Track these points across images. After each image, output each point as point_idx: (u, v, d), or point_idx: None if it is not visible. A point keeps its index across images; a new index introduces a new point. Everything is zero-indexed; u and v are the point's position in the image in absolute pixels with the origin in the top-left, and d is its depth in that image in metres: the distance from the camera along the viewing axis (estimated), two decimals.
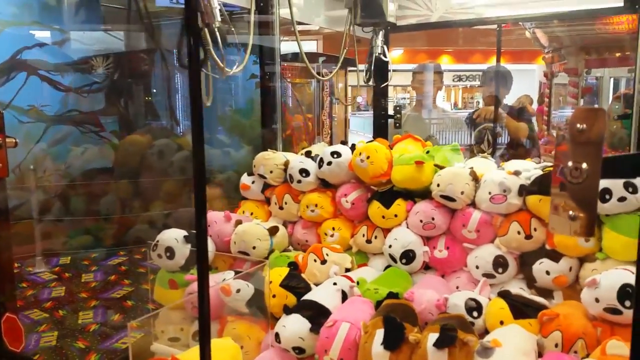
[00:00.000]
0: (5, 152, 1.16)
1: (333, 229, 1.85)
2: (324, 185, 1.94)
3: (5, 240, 1.17)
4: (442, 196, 1.59)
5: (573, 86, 5.23)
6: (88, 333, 3.53)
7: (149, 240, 1.80)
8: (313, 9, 2.86)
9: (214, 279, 1.68)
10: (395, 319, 1.25)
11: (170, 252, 1.69)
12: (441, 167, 1.65)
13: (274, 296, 1.52)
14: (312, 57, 7.22)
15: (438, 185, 1.60)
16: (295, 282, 1.55)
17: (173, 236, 1.72)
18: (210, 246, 1.85)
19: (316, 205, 1.89)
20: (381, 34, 2.73)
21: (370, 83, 2.81)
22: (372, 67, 2.75)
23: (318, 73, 7.16)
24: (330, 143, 6.97)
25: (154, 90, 5.91)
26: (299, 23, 2.55)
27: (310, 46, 9.01)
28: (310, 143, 6.51)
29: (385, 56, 2.75)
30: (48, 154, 5.05)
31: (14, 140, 1.18)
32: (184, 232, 1.75)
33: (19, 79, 5.27)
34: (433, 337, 1.17)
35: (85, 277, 4.56)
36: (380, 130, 2.94)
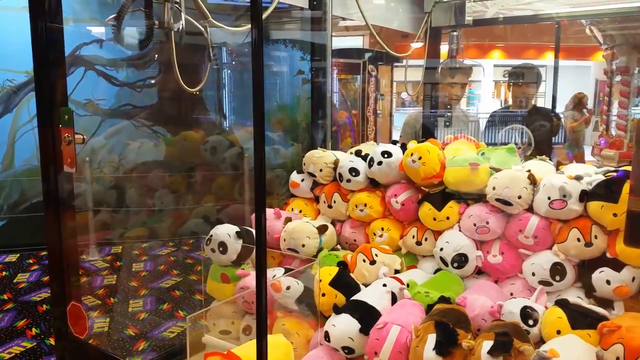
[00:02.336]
0: (74, 147, 1.22)
1: (382, 229, 1.84)
2: (374, 185, 1.93)
3: (71, 230, 1.22)
4: (497, 200, 1.55)
5: (625, 85, 5.02)
6: (138, 321, 3.66)
7: (202, 233, 1.84)
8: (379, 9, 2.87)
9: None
10: (448, 324, 1.23)
11: (223, 246, 1.73)
12: (497, 170, 1.61)
13: (323, 295, 1.52)
14: (359, 52, 7.18)
15: (494, 188, 1.56)
16: (345, 282, 1.55)
17: (226, 231, 1.75)
18: None
19: (365, 205, 1.88)
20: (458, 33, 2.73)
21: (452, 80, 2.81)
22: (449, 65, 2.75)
23: (364, 68, 7.12)
24: (375, 139, 6.92)
25: (204, 86, 6.03)
26: (343, 19, 2.54)
27: (357, 41, 8.96)
28: (356, 140, 6.48)
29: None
30: (104, 146, 5.25)
31: (82, 137, 1.24)
32: (236, 228, 1.78)
33: (77, 74, 5.50)
34: (487, 344, 1.15)
35: (136, 267, 4.73)
36: (429, 129, 2.90)
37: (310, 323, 1.56)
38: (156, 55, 5.91)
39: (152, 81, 5.94)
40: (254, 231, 1.89)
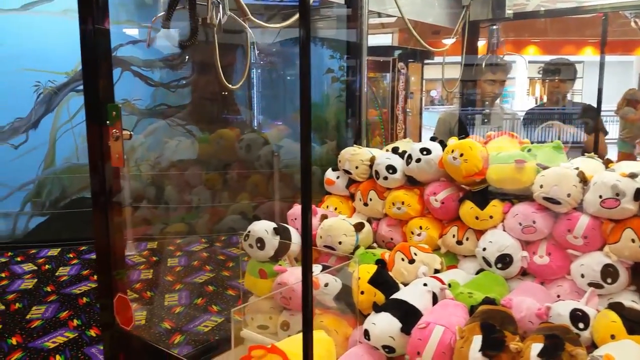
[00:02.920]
0: (121, 143, 1.24)
1: (420, 227, 1.80)
2: (411, 182, 1.90)
3: (118, 225, 1.24)
4: (545, 198, 1.50)
5: None
6: (173, 314, 3.72)
7: (239, 230, 1.85)
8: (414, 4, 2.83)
9: (301, 271, 1.70)
10: (494, 325, 1.20)
11: (260, 242, 1.73)
12: (544, 167, 1.56)
13: (362, 292, 1.51)
14: (388, 50, 7.11)
15: (541, 186, 1.50)
16: (384, 280, 1.53)
17: (263, 228, 1.75)
18: (296, 239, 1.88)
19: (402, 203, 1.85)
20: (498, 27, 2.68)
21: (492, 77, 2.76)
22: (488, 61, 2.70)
23: (393, 66, 7.04)
24: (404, 137, 6.84)
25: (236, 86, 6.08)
26: (390, 15, 2.51)
27: (386, 39, 8.88)
28: (385, 138, 6.43)
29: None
30: (142, 144, 5.37)
31: (129, 133, 1.26)
32: (273, 224, 1.78)
33: (114, 75, 5.61)
34: (537, 347, 1.11)
35: (171, 262, 4.82)
36: (465, 126, 2.85)
37: (348, 321, 1.55)
38: (187, 56, 6.00)
39: (185, 81, 6.03)
40: (290, 228, 1.89)
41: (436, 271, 1.64)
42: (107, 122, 1.26)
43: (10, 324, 3.43)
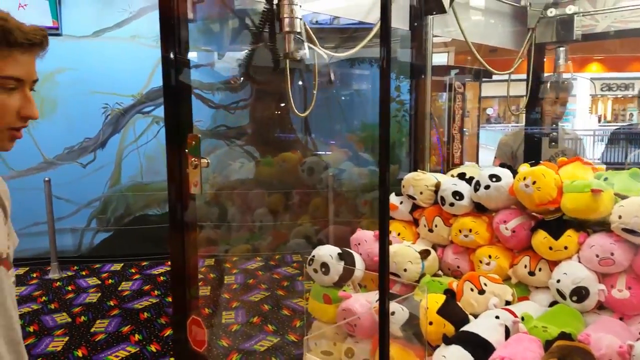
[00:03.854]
0: (199, 171, 1.29)
1: (489, 256, 1.76)
2: (479, 209, 1.86)
3: (193, 247, 1.29)
4: (624, 230, 1.43)
5: None
6: (230, 332, 3.78)
7: (302, 253, 1.87)
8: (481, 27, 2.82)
9: (365, 297, 1.70)
10: None
11: (325, 267, 1.74)
12: (623, 197, 1.49)
13: (430, 323, 1.48)
14: (444, 69, 7.05)
15: (620, 217, 1.44)
16: (453, 311, 1.50)
17: (328, 252, 1.76)
18: (360, 264, 1.87)
19: (470, 231, 1.81)
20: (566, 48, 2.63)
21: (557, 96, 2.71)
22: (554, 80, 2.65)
23: (450, 85, 6.96)
24: (461, 158, 6.71)
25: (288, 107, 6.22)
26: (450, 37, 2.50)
27: (441, 58, 8.79)
28: (444, 158, 6.33)
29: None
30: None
31: (206, 162, 1.31)
32: (337, 249, 1.79)
33: None
34: None
35: (227, 279, 4.91)
36: (533, 148, 2.76)
37: (416, 351, 1.52)
38: (246, 79, 6.17)
39: (244, 103, 6.21)
40: (354, 253, 1.89)
41: (507, 303, 1.59)
42: (187, 150, 1.31)
43: (76, 336, 3.59)
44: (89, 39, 5.62)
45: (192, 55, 5.90)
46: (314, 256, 1.78)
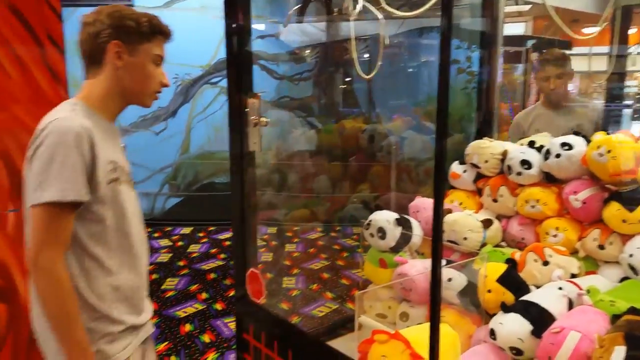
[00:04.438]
0: (259, 130, 1.33)
1: (557, 228, 1.68)
2: (548, 179, 1.77)
3: (253, 205, 1.33)
4: None
5: None
6: (290, 297, 3.90)
7: (361, 219, 1.88)
8: None
9: (423, 264, 1.68)
10: None
11: (382, 232, 1.74)
12: None
13: (489, 291, 1.45)
14: (520, 40, 6.69)
15: None
16: (514, 280, 1.46)
17: (385, 218, 1.76)
18: (419, 232, 1.85)
19: (538, 201, 1.74)
20: None
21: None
22: None
23: (526, 57, 6.60)
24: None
25: (353, 78, 6.15)
26: (527, 2, 2.36)
27: (518, 28, 8.34)
28: None
29: None
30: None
31: (265, 120, 1.34)
32: (395, 215, 1.78)
33: None
34: None
35: (289, 247, 5.04)
36: (614, 121, 2.58)
37: (472, 318, 1.50)
38: (314, 50, 6.15)
39: (308, 74, 6.21)
40: (412, 220, 1.88)
41: (573, 276, 1.52)
42: (246, 109, 1.35)
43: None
44: (159, 9, 5.81)
45: (257, 26, 5.98)
46: (370, 220, 1.78)
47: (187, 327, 3.28)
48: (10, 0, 2.13)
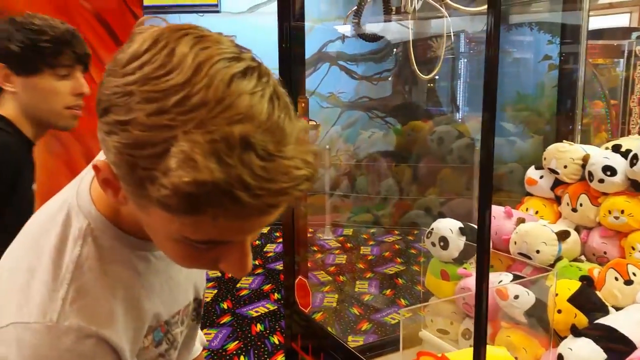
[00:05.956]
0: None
1: None
2: (635, 187, 1.58)
3: (302, 214, 1.32)
4: None
5: None
6: (362, 302, 3.85)
7: (423, 225, 1.80)
8: None
9: (490, 278, 1.57)
10: None
11: (444, 242, 1.65)
12: None
13: (559, 311, 1.32)
14: (624, 32, 6.12)
15: None
16: (588, 300, 1.31)
17: (448, 226, 1.67)
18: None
19: (622, 212, 1.56)
20: None
21: None
22: None
23: (630, 51, 6.03)
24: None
25: (438, 77, 5.97)
26: None
27: (622, 20, 7.63)
28: (613, 135, 5.56)
29: None
30: (341, 136, 5.65)
31: (315, 123, 1.33)
32: (459, 224, 1.68)
33: (323, 69, 6.02)
34: None
35: (364, 250, 4.99)
36: None
37: (540, 340, 1.37)
38: (394, 49, 6.06)
39: (388, 73, 6.12)
40: None
41: None
42: (297, 112, 1.33)
43: (223, 289, 3.97)
44: (244, 14, 6.01)
45: (341, 28, 5.99)
46: (432, 229, 1.70)
47: (258, 327, 3.35)
48: (96, 8, 2.28)
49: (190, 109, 0.46)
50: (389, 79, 6.13)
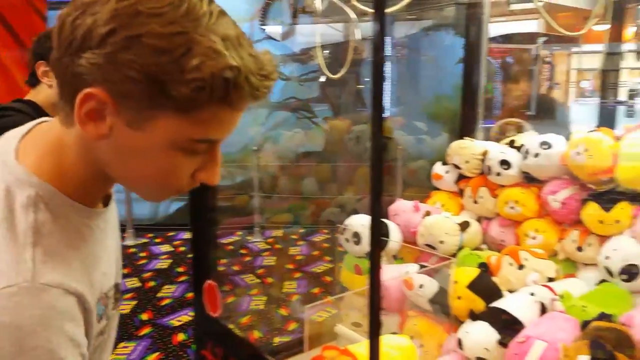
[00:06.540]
0: None
1: (536, 230, 1.62)
2: (528, 179, 1.71)
3: (213, 214, 1.31)
4: None
5: None
6: (290, 302, 3.86)
7: (339, 223, 1.84)
8: None
9: (398, 270, 1.64)
10: (605, 346, 1.03)
11: (357, 237, 1.70)
12: None
13: (459, 298, 1.40)
14: (530, 37, 6.56)
15: None
16: (485, 286, 1.40)
17: (360, 222, 1.72)
18: (397, 236, 1.81)
19: (517, 202, 1.69)
20: None
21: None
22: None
23: (536, 55, 6.48)
24: None
25: (366, 79, 6.10)
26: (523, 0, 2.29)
27: (530, 26, 8.17)
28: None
29: None
30: (267, 137, 5.64)
31: None
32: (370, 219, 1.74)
33: None
34: None
35: (293, 250, 5.00)
36: (607, 119, 2.50)
37: (444, 326, 1.45)
38: (323, 50, 6.12)
39: (314, 74, 6.16)
40: (390, 224, 1.83)
41: (550, 280, 1.46)
42: None
43: (143, 300, 3.81)
44: None
45: (268, 28, 5.94)
46: (346, 225, 1.75)
47: (181, 337, 3.26)
48: None
49: (196, 17, 0.56)
50: (320, 79, 6.17)
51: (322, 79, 5.97)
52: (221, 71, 0.55)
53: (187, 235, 5.52)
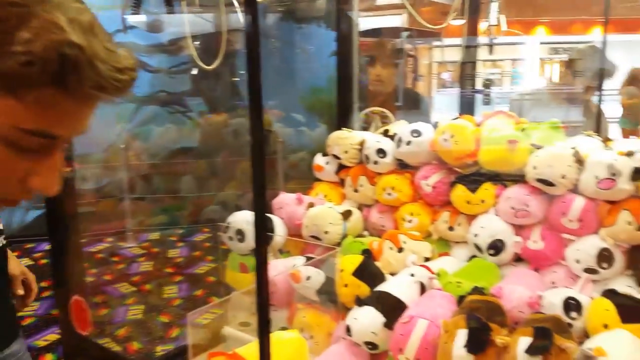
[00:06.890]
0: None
1: (411, 214, 1.71)
2: (402, 166, 1.80)
3: (73, 221, 1.17)
4: (538, 180, 1.40)
5: None
6: (171, 307, 3.67)
7: (220, 221, 1.78)
8: None
9: (284, 264, 1.62)
10: (480, 318, 1.11)
11: (241, 234, 1.65)
12: (538, 147, 1.45)
13: (345, 285, 1.42)
14: (395, 32, 6.95)
15: (535, 167, 1.40)
16: (369, 271, 1.44)
17: (244, 218, 1.67)
18: (282, 230, 1.79)
19: (393, 188, 1.76)
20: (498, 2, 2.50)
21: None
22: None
23: (400, 49, 6.89)
24: None
25: (241, 72, 5.96)
26: None
27: (394, 21, 8.66)
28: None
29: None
30: (136, 134, 5.27)
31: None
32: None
33: None
34: (525, 341, 1.02)
35: (172, 253, 4.76)
36: (467, 107, 2.73)
37: (332, 315, 1.46)
38: (194, 41, 5.85)
39: (185, 66, 5.89)
40: (274, 218, 1.81)
41: (427, 259, 1.55)
42: None
43: None
44: None
45: (132, 17, 5.53)
46: (229, 223, 1.68)
47: (49, 358, 2.93)
48: None
49: None
50: (193, 71, 5.89)
51: (194, 71, 5.74)
52: (57, 45, 0.48)
53: (49, 246, 4.99)
